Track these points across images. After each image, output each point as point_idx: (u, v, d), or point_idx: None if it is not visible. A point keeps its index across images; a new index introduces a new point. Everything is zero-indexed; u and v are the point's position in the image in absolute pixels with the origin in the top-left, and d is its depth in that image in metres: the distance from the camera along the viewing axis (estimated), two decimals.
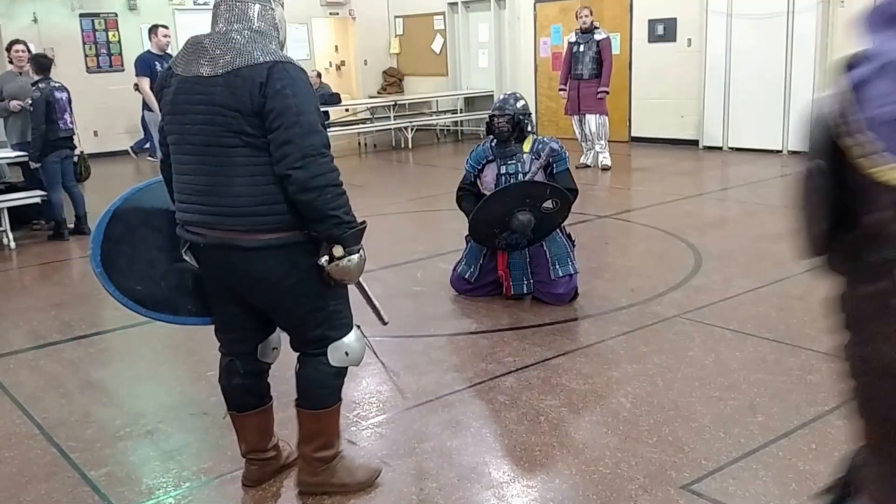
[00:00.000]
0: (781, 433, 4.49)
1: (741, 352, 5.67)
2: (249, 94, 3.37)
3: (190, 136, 3.54)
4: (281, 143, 3.39)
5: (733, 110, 14.99)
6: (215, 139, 3.46)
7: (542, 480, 4.17)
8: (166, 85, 3.66)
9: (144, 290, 4.04)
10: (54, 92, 9.97)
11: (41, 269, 9.08)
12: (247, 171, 3.46)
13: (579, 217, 9.77)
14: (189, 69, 3.54)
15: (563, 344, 5.97)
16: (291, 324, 3.82)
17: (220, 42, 3.50)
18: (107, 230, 3.96)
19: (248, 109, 3.38)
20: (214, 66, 3.46)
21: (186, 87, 3.53)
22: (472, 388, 5.27)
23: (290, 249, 3.57)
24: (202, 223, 3.58)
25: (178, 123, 3.59)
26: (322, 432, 3.95)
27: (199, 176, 3.54)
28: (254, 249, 3.52)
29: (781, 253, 8.08)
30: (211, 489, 4.25)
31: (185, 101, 3.53)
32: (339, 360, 3.82)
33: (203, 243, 3.62)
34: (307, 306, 3.71)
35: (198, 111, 3.49)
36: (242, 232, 3.51)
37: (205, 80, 3.47)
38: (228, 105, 3.40)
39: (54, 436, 4.87)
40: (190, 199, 3.60)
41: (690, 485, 4.03)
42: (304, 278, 3.63)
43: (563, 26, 17.41)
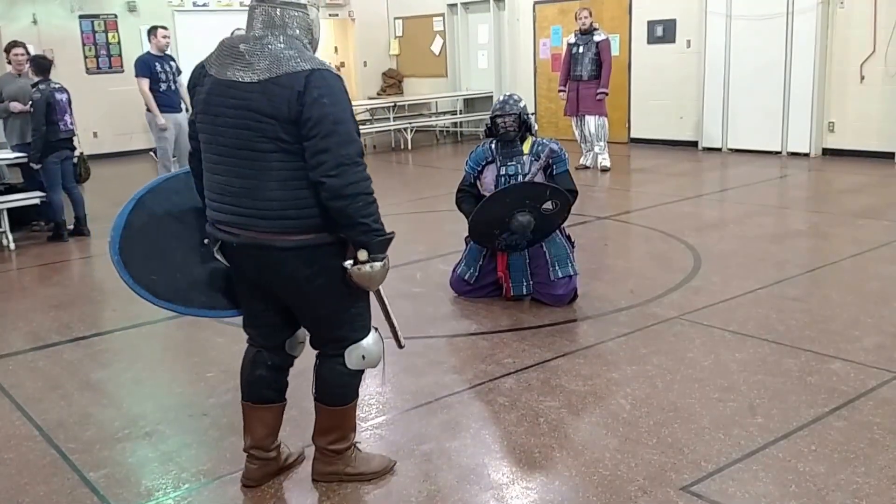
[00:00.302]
0: (781, 434, 4.49)
1: (741, 353, 5.67)
2: (287, 102, 3.43)
3: (223, 138, 3.60)
4: (317, 151, 3.46)
5: (732, 111, 15.00)
6: (249, 143, 3.52)
7: (542, 482, 4.16)
8: (199, 83, 3.72)
9: (160, 280, 4.08)
10: (55, 93, 9.96)
11: (41, 270, 9.07)
12: (280, 175, 3.52)
13: (579, 218, 9.77)
14: (224, 72, 3.60)
15: (563, 345, 5.97)
16: (314, 322, 3.90)
17: (257, 48, 3.56)
18: (129, 218, 4.03)
19: (285, 117, 3.44)
20: (251, 72, 3.51)
21: (221, 90, 3.58)
22: (472, 390, 5.27)
23: (319, 250, 3.65)
24: (236, 224, 3.65)
25: (211, 124, 3.64)
26: (338, 427, 4.03)
27: (232, 178, 3.61)
28: (285, 250, 3.60)
29: (781, 254, 8.11)
30: (210, 490, 4.24)
31: (219, 103, 3.59)
32: (356, 362, 3.90)
33: (236, 243, 3.69)
34: (330, 307, 3.79)
35: (232, 115, 3.55)
36: (275, 233, 3.59)
37: (241, 86, 3.52)
38: (265, 111, 3.46)
39: (54, 437, 4.87)
40: (222, 200, 3.67)
41: (690, 486, 4.03)
42: (329, 279, 3.71)
43: (562, 27, 17.42)
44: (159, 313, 7.05)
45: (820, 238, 8.84)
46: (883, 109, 13.37)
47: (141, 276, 4.05)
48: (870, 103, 13.50)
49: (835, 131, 14.01)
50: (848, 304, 6.57)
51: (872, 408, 4.76)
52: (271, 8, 3.62)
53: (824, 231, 9.10)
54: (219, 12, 18.84)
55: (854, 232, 8.88)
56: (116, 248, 4.02)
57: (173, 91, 12.08)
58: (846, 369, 5.31)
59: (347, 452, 4.07)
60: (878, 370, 5.28)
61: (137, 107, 16.46)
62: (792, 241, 8.71)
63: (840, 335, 5.92)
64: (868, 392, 4.97)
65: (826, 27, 13.74)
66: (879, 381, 5.12)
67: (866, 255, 7.95)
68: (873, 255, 7.93)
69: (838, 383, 5.11)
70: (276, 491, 4.17)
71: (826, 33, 13.76)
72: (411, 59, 21.06)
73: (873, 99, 13.46)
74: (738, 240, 8.76)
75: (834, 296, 6.79)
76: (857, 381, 5.13)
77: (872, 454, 4.25)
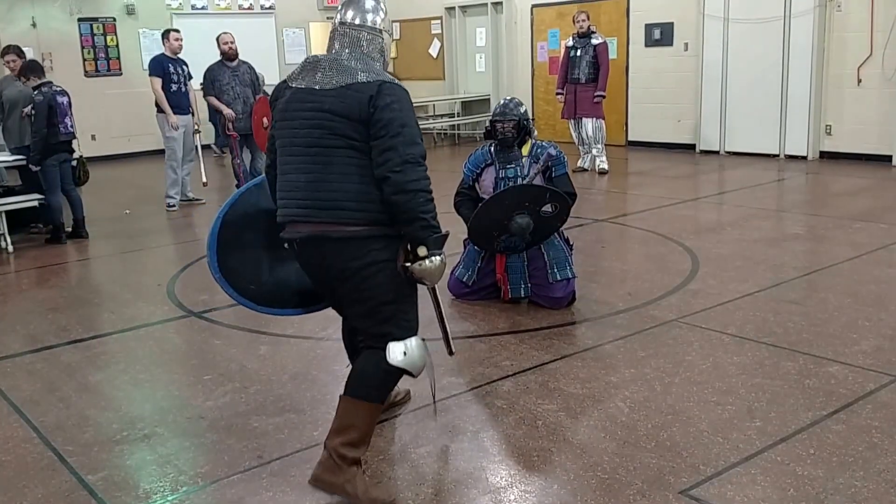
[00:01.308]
0: (779, 438, 4.49)
1: (739, 356, 5.67)
2: (358, 104, 3.78)
3: (297, 138, 3.92)
4: (384, 150, 3.77)
5: (730, 114, 15.02)
6: (320, 140, 3.85)
7: (540, 485, 4.16)
8: (280, 95, 4.07)
9: (256, 288, 4.48)
10: (56, 96, 9.97)
11: (39, 272, 9.07)
12: (344, 169, 3.82)
13: (576, 221, 9.76)
14: (303, 82, 3.97)
15: (561, 348, 5.97)
16: (361, 315, 4.03)
17: (334, 63, 3.94)
18: (220, 236, 4.38)
19: (356, 116, 3.78)
20: (327, 81, 3.88)
21: (299, 97, 3.94)
22: (470, 393, 5.27)
23: (373, 242, 3.87)
24: (298, 217, 3.93)
25: (288, 128, 3.98)
26: (355, 426, 3.99)
27: (300, 174, 3.91)
28: (341, 240, 3.85)
29: (778, 257, 8.11)
30: (208, 493, 4.23)
31: (296, 108, 3.94)
32: (397, 358, 3.96)
33: (300, 238, 3.95)
34: (378, 298, 3.94)
35: (306, 116, 3.89)
36: (331, 224, 3.84)
37: (317, 92, 3.88)
38: (336, 111, 3.80)
39: (51, 439, 4.86)
40: (290, 195, 3.96)
41: (689, 490, 4.02)
42: (380, 270, 3.90)
43: (560, 30, 17.42)
44: (156, 316, 7.09)
45: (817, 241, 8.85)
46: (880, 112, 13.39)
47: (243, 289, 4.47)
48: (867, 106, 13.52)
49: (832, 134, 14.02)
50: (846, 307, 6.57)
51: (871, 411, 4.76)
52: (351, 30, 4.06)
53: (822, 234, 9.10)
54: (217, 16, 18.86)
55: (851, 235, 8.89)
56: (216, 267, 4.39)
57: (183, 93, 12.19)
58: (844, 372, 5.31)
59: (354, 467, 3.99)
60: (877, 373, 5.28)
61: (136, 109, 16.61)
62: (789, 245, 8.71)
63: (838, 338, 5.92)
64: (866, 395, 4.97)
65: (823, 30, 13.76)
66: (878, 384, 5.12)
67: (864, 258, 7.95)
68: (871, 259, 7.93)
69: (836, 386, 5.11)
70: (274, 493, 4.16)
71: (823, 36, 13.78)
72: (409, 62, 21.06)
73: (870, 102, 13.47)
74: (735, 243, 8.76)
75: (832, 299, 6.79)
76: (856, 384, 5.13)
77: (871, 458, 4.25)
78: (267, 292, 4.50)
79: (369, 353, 4.03)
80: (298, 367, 5.83)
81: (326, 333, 6.28)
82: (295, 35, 20.69)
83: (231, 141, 12.45)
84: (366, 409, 4.01)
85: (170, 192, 12.26)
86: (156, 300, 7.61)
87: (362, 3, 4.11)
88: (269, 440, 4.73)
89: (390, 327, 3.98)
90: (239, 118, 12.21)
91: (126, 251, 9.84)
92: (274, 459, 4.50)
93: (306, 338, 6.34)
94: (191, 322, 6.98)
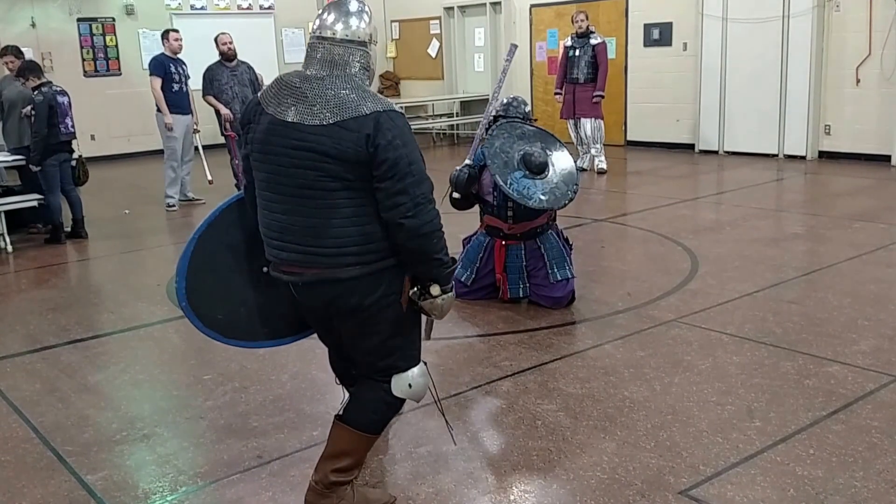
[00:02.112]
0: (779, 438, 4.50)
1: (738, 356, 5.67)
2: (354, 145, 3.43)
3: (284, 178, 3.58)
4: (394, 193, 3.50)
5: (729, 114, 15.02)
6: (314, 182, 3.51)
7: (540, 485, 4.17)
8: (254, 119, 3.69)
9: (224, 318, 4.15)
10: (56, 96, 9.96)
11: (38, 272, 9.07)
12: (345, 212, 3.53)
13: (575, 220, 9.79)
14: (284, 112, 3.57)
15: (560, 348, 5.98)
16: (366, 351, 3.83)
17: (319, 91, 3.54)
18: (191, 261, 4.03)
19: (353, 158, 3.45)
20: (315, 116, 3.50)
21: (282, 131, 3.55)
22: (469, 393, 5.28)
23: (381, 277, 3.65)
24: (300, 262, 3.65)
25: (271, 164, 3.61)
26: (349, 455, 3.87)
27: (294, 217, 3.59)
28: (351, 279, 3.60)
29: (778, 257, 8.12)
30: (207, 493, 4.24)
31: (280, 143, 3.56)
32: (402, 390, 3.84)
33: (302, 282, 3.68)
34: (385, 333, 3.76)
35: (294, 156, 3.53)
36: (340, 267, 3.60)
37: (304, 128, 3.50)
38: (330, 153, 3.45)
39: (51, 440, 4.86)
40: (284, 239, 3.66)
41: (688, 490, 4.03)
42: (388, 305, 3.70)
43: (558, 30, 17.42)
44: (156, 316, 7.09)
45: (817, 241, 8.85)
46: (879, 112, 13.39)
47: (210, 319, 4.12)
48: (866, 106, 13.52)
49: (831, 134, 14.02)
50: (845, 307, 6.58)
51: (870, 411, 4.77)
52: (332, 45, 3.63)
53: (821, 234, 9.10)
54: (216, 16, 18.85)
55: (851, 235, 8.90)
56: (183, 295, 4.03)
57: (184, 93, 12.21)
58: (844, 372, 5.32)
59: (343, 488, 3.90)
60: (876, 373, 5.29)
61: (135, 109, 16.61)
62: (789, 244, 8.72)
63: (837, 338, 5.92)
64: (866, 395, 4.98)
65: (822, 30, 13.76)
66: (877, 384, 5.12)
67: (863, 258, 7.96)
68: (870, 259, 7.94)
69: (836, 386, 5.11)
70: (273, 493, 4.17)
71: (822, 36, 13.78)
72: (408, 62, 21.05)
73: (869, 102, 13.48)
74: (735, 243, 8.77)
75: (831, 299, 6.79)
76: (855, 384, 5.14)
77: (871, 458, 4.26)
78: (237, 322, 4.20)
79: (371, 383, 3.88)
80: (298, 366, 5.83)
81: None
82: (294, 35, 20.65)
83: (229, 141, 12.45)
84: (363, 439, 3.89)
85: (169, 192, 12.26)
86: (155, 300, 7.61)
87: (344, 9, 3.69)
88: (269, 440, 4.74)
89: (395, 360, 3.83)
90: (237, 118, 12.21)
91: (125, 251, 9.85)
92: (273, 459, 4.51)
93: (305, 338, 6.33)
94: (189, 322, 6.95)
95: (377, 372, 3.83)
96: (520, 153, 6.61)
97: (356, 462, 3.89)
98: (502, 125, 6.76)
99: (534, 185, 6.55)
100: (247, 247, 4.03)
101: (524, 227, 6.74)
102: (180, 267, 4.01)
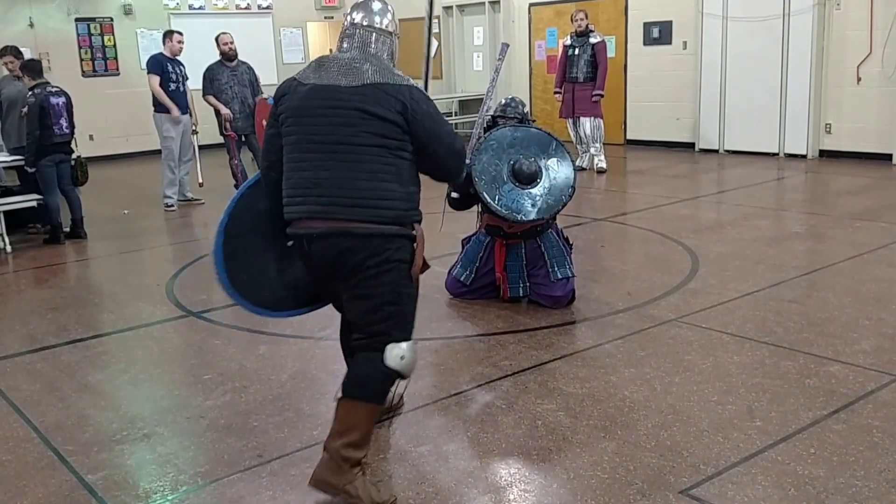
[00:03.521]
0: (780, 437, 4.50)
1: (739, 356, 5.67)
2: (391, 105, 3.89)
3: (318, 136, 3.94)
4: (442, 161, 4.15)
5: (729, 113, 15.04)
6: (348, 138, 3.89)
7: (540, 485, 4.17)
8: (288, 91, 4.09)
9: (270, 295, 4.50)
10: (49, 97, 9.94)
11: (37, 272, 9.08)
12: (371, 167, 3.90)
13: (575, 220, 9.79)
14: (324, 79, 4.01)
15: (560, 347, 5.98)
16: (364, 311, 4.04)
17: (352, 63, 4.03)
18: (224, 251, 4.34)
19: (390, 117, 3.88)
20: (353, 78, 3.96)
21: (321, 94, 3.97)
22: (469, 392, 5.27)
23: (393, 240, 3.96)
24: (319, 214, 3.94)
25: (304, 125, 3.98)
26: (356, 427, 3.99)
27: (319, 171, 3.93)
28: (361, 236, 3.91)
29: (778, 256, 8.12)
30: (207, 493, 4.25)
31: (318, 104, 3.96)
32: (394, 361, 4.01)
33: (317, 234, 3.95)
34: (382, 297, 3.99)
35: (332, 114, 3.92)
36: (354, 221, 3.89)
37: (343, 89, 3.93)
38: (369, 110, 3.87)
39: (51, 439, 4.86)
40: (306, 193, 3.97)
41: (689, 489, 4.03)
42: (392, 269, 3.97)
43: (557, 29, 17.43)
44: (155, 315, 7.10)
45: (817, 240, 8.86)
46: (880, 111, 13.40)
47: (258, 299, 4.48)
48: (867, 105, 13.54)
49: (832, 133, 14.03)
50: (846, 306, 6.58)
51: (871, 411, 4.77)
52: (362, 31, 4.17)
53: (822, 233, 9.11)
54: (215, 16, 18.88)
55: (851, 234, 8.91)
56: (228, 283, 4.36)
57: (181, 93, 12.21)
58: (845, 372, 5.32)
59: (356, 469, 4.00)
60: (877, 373, 5.29)
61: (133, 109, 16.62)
62: (789, 244, 8.72)
63: (838, 338, 5.93)
64: (867, 395, 4.97)
65: (822, 29, 13.77)
66: (878, 383, 5.13)
67: (864, 257, 7.97)
68: (871, 258, 7.94)
69: (837, 386, 5.11)
70: (273, 492, 4.17)
71: (822, 35, 13.79)
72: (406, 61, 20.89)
73: (870, 101, 13.49)
74: (735, 242, 8.77)
75: (832, 298, 6.80)
76: (856, 383, 5.14)
77: (872, 457, 4.26)
78: (281, 297, 4.51)
79: (366, 355, 4.05)
80: (297, 366, 5.84)
81: (325, 333, 6.29)
82: (292, 35, 20.71)
83: (229, 141, 12.47)
84: (366, 410, 4.01)
85: (167, 193, 12.26)
86: (155, 300, 7.62)
87: (371, 5, 4.22)
88: (269, 439, 4.74)
89: (390, 327, 4.01)
90: (236, 118, 12.26)
91: (125, 251, 9.85)
92: (274, 458, 4.52)
93: (305, 337, 6.34)
94: (190, 322, 6.99)
95: (372, 337, 4.02)
96: (509, 164, 6.59)
97: (363, 436, 4.02)
98: (489, 137, 6.69)
99: (524, 197, 6.55)
100: (273, 227, 4.26)
101: (524, 225, 6.72)
102: (216, 259, 4.33)
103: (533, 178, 6.56)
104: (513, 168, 6.57)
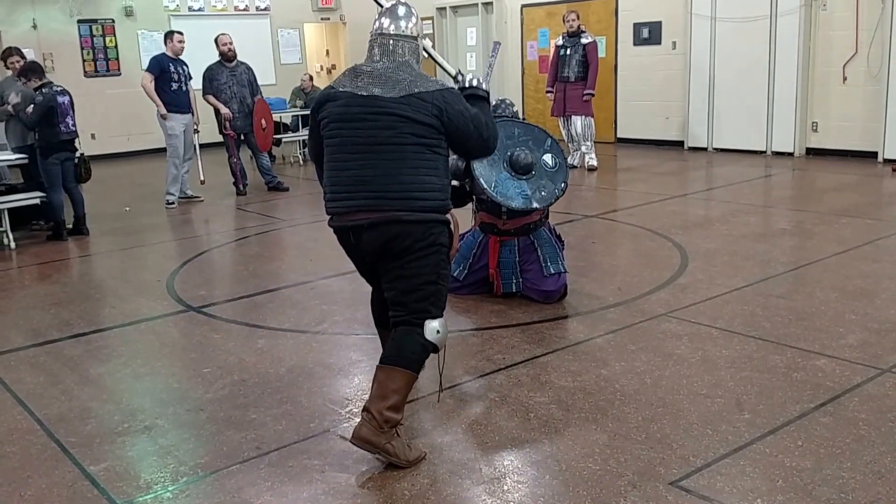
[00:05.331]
0: (768, 430, 4.54)
1: (727, 350, 5.72)
2: (426, 111, 4.27)
3: (361, 138, 4.30)
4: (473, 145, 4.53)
5: (717, 112, 15.12)
6: (391, 139, 4.26)
7: (532, 476, 4.21)
8: (329, 99, 4.44)
9: None
10: (56, 96, 10.01)
11: (40, 268, 9.13)
12: (413, 163, 4.28)
13: (566, 217, 9.86)
14: (362, 89, 4.34)
15: (552, 342, 6.03)
16: (408, 290, 4.39)
17: (387, 74, 4.36)
18: None
19: (427, 121, 4.27)
20: (390, 90, 4.29)
21: (362, 102, 4.31)
22: (462, 385, 5.33)
23: (436, 226, 4.36)
24: (367, 207, 4.29)
25: (348, 129, 4.34)
26: (396, 392, 4.30)
27: (366, 170, 4.29)
28: (410, 222, 4.27)
29: (766, 252, 8.18)
30: (208, 484, 4.29)
31: (360, 111, 4.31)
32: (432, 334, 4.39)
33: (368, 223, 4.29)
34: (424, 277, 4.37)
35: (374, 119, 4.28)
36: (405, 210, 4.26)
37: (383, 99, 4.28)
38: (408, 116, 4.25)
39: (54, 431, 4.92)
40: (353, 189, 4.33)
41: (679, 481, 4.07)
42: (435, 252, 4.37)
43: (549, 30, 17.49)
44: (156, 310, 7.16)
45: (804, 236, 8.92)
46: (865, 109, 13.48)
47: None
48: (852, 104, 13.62)
49: (818, 131, 14.12)
50: (832, 301, 6.65)
51: (858, 404, 4.81)
52: (395, 41, 4.49)
53: (809, 229, 9.17)
54: (213, 17, 18.91)
55: (838, 230, 8.98)
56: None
57: (184, 92, 12.26)
58: (831, 366, 5.37)
59: (395, 430, 4.30)
60: (863, 367, 5.34)
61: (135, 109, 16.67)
62: (777, 240, 8.79)
63: (825, 332, 5.98)
64: (853, 388, 5.02)
65: (809, 29, 13.85)
66: (864, 377, 5.18)
67: (850, 253, 8.04)
68: (857, 253, 8.01)
69: (824, 379, 5.16)
70: (272, 483, 4.22)
71: (809, 35, 13.88)
72: None
73: (856, 99, 13.58)
74: (724, 238, 8.84)
75: (818, 293, 6.86)
76: (843, 377, 5.19)
77: (858, 449, 4.29)
78: None
79: (407, 328, 4.39)
80: (295, 360, 5.90)
81: (322, 328, 6.37)
82: (289, 36, 20.76)
83: (228, 140, 12.54)
84: (405, 376, 4.33)
85: (170, 190, 12.31)
86: (156, 295, 7.68)
87: (396, 12, 4.54)
88: (268, 431, 4.78)
89: (429, 305, 4.39)
90: (235, 117, 12.34)
91: (126, 248, 9.89)
92: (272, 450, 4.56)
93: (303, 332, 6.41)
94: (190, 317, 7.05)
95: (413, 314, 4.39)
96: (506, 154, 6.67)
97: (401, 400, 4.33)
98: None
99: (519, 186, 6.64)
100: None
101: (518, 222, 6.81)
102: None
103: (529, 168, 6.65)
104: (510, 158, 6.66)
